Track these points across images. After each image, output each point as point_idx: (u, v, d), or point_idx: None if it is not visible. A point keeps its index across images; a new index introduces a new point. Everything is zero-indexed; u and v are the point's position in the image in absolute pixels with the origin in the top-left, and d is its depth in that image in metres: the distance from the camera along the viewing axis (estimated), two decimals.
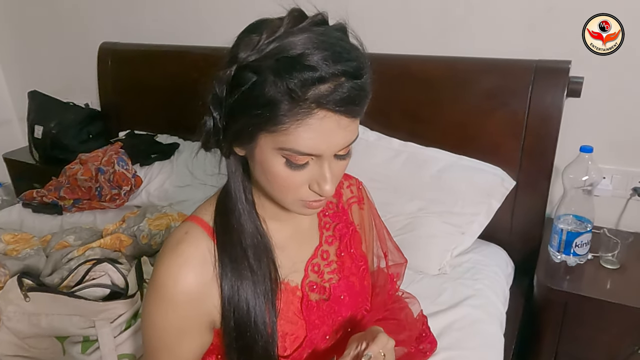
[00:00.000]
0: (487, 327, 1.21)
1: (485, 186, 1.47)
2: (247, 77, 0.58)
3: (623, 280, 1.30)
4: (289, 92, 0.56)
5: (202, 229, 0.70)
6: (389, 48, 1.63)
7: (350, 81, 0.57)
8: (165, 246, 0.70)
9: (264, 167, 0.63)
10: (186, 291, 0.67)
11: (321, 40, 0.57)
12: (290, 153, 0.60)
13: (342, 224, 0.84)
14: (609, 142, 1.45)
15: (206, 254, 0.69)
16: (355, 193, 0.90)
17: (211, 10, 2.01)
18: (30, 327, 0.97)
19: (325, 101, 0.56)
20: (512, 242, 1.54)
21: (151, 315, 0.69)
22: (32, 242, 1.32)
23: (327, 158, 0.62)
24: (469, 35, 1.55)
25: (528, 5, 1.45)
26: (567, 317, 1.30)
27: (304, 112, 0.57)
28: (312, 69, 0.55)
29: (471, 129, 1.52)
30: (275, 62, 0.56)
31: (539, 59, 1.42)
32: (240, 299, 0.68)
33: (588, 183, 1.33)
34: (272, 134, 0.59)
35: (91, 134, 2.34)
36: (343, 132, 0.60)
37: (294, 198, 0.66)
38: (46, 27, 2.54)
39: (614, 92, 1.43)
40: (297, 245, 0.78)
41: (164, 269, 0.67)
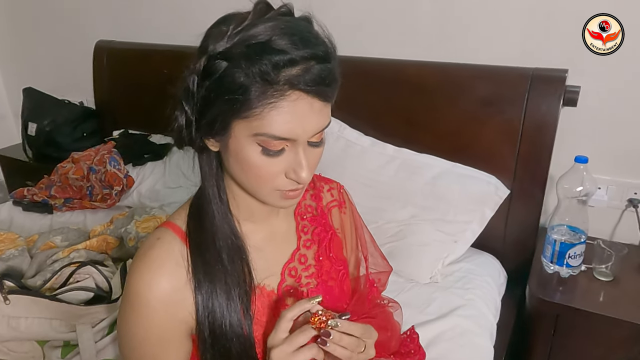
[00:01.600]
0: (476, 339, 1.20)
1: (479, 194, 1.46)
2: (218, 65, 0.59)
3: (616, 293, 1.28)
4: (261, 75, 0.57)
5: (174, 234, 0.69)
6: (384, 52, 1.61)
7: (320, 64, 0.58)
8: (138, 253, 0.69)
9: (239, 157, 0.63)
10: (161, 297, 0.66)
11: (288, 27, 0.58)
12: (265, 138, 0.60)
13: (320, 228, 0.83)
14: (605, 152, 1.44)
15: (179, 259, 0.68)
16: (336, 197, 0.89)
17: (207, 11, 1.98)
18: (9, 331, 0.95)
19: (297, 82, 0.57)
20: (505, 251, 1.53)
21: (129, 328, 0.67)
22: (18, 242, 1.30)
23: (302, 144, 0.62)
24: (465, 41, 1.54)
25: (526, 12, 1.43)
26: (559, 329, 1.28)
27: (276, 95, 0.58)
28: (282, 52, 0.56)
29: (466, 136, 1.50)
30: (245, 47, 0.57)
31: (536, 67, 1.41)
32: (214, 303, 0.67)
33: (583, 193, 1.31)
34: (246, 120, 0.59)
35: (85, 132, 2.33)
36: (316, 116, 0.61)
37: (271, 188, 0.65)
38: (42, 24, 2.52)
39: (611, 102, 1.41)
40: (274, 248, 0.77)
41: (137, 276, 0.66)
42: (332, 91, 0.62)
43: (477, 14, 1.50)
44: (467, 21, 1.52)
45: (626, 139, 1.43)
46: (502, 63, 1.45)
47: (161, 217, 1.40)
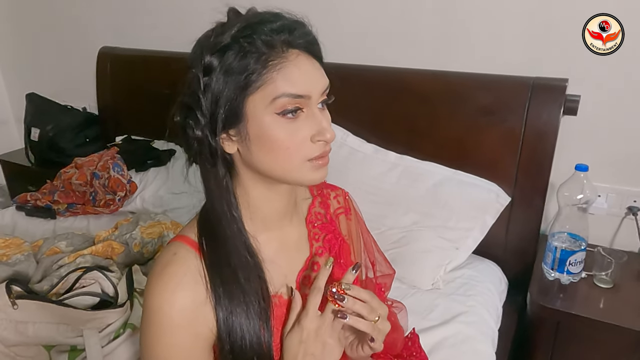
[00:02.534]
0: (478, 345, 1.20)
1: (480, 202, 1.47)
2: (219, 55, 0.62)
3: (616, 300, 1.30)
4: (261, 44, 0.62)
5: (190, 248, 0.69)
6: (387, 61, 1.63)
7: (304, 28, 0.66)
8: (154, 270, 0.69)
9: (262, 138, 0.64)
10: (183, 312, 0.66)
11: (266, 12, 0.66)
12: (282, 99, 0.62)
13: (331, 235, 0.83)
14: (605, 160, 1.45)
15: (196, 275, 0.67)
16: (342, 204, 0.89)
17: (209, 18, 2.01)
18: (17, 335, 0.96)
19: (293, 41, 0.64)
20: (506, 258, 1.54)
21: (153, 346, 0.67)
22: (23, 247, 1.31)
23: (314, 106, 0.66)
24: (466, 50, 1.56)
25: (526, 22, 1.46)
26: (560, 336, 1.29)
27: (280, 57, 0.63)
28: (273, 22, 0.63)
29: (467, 144, 1.52)
30: (240, 31, 0.62)
31: (536, 76, 1.43)
32: (234, 324, 0.67)
33: (583, 201, 1.33)
34: (260, 91, 0.62)
35: (88, 137, 2.34)
36: (319, 72, 0.66)
37: (301, 159, 0.66)
38: (46, 30, 2.54)
39: (611, 111, 1.43)
40: (287, 257, 0.77)
41: (157, 293, 0.66)
42: (319, 51, 0.68)
43: (479, 24, 1.52)
44: (468, 31, 1.54)
45: (626, 148, 1.44)
46: (503, 72, 1.47)
47: (165, 222, 1.41)
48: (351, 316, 0.68)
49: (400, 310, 0.99)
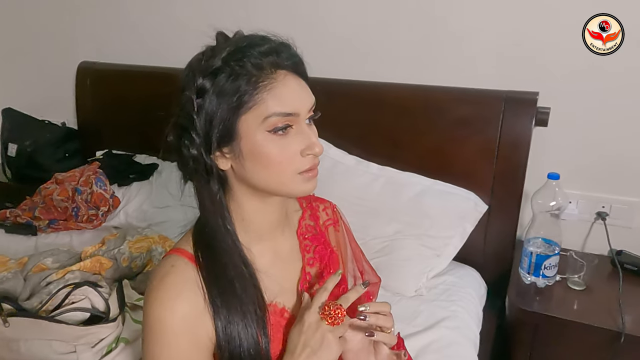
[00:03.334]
0: (461, 349, 1.25)
1: (460, 210, 1.53)
2: (212, 78, 0.66)
3: (589, 301, 1.36)
4: (250, 66, 0.66)
5: (187, 260, 0.72)
6: (367, 76, 1.69)
7: (290, 48, 0.71)
8: (153, 281, 0.71)
9: (255, 154, 0.68)
10: (184, 320, 0.68)
11: (252, 35, 0.71)
12: (273, 118, 0.66)
13: (321, 246, 0.87)
14: (575, 168, 1.53)
15: (195, 287, 0.70)
16: (331, 215, 0.93)
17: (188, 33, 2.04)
18: (9, 353, 0.96)
19: (280, 63, 0.68)
20: (485, 264, 1.60)
21: (156, 355, 0.68)
22: (9, 265, 1.30)
23: (303, 122, 0.70)
24: (444, 65, 1.63)
25: (499, 38, 1.53)
26: (538, 337, 1.35)
27: (269, 78, 0.67)
28: (260, 45, 0.67)
29: (446, 155, 1.58)
30: (230, 55, 0.66)
31: (509, 90, 1.50)
32: (232, 332, 0.70)
33: (555, 208, 1.40)
34: (252, 111, 0.67)
35: (67, 152, 2.32)
36: (305, 91, 0.71)
37: (293, 172, 0.70)
38: (21, 45, 2.51)
39: (579, 122, 1.52)
40: (281, 267, 0.80)
41: (157, 304, 0.68)
42: (305, 71, 0.73)
43: (455, 41, 1.59)
44: (445, 47, 1.61)
45: (593, 156, 1.53)
46: (479, 86, 1.54)
47: (153, 237, 1.42)
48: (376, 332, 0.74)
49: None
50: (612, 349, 1.23)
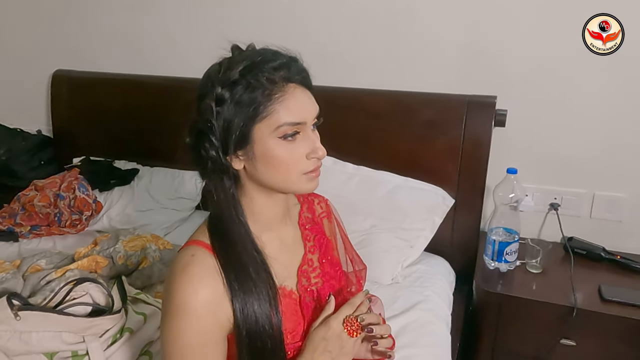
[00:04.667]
0: (436, 328, 1.38)
1: (429, 204, 1.67)
2: (228, 94, 0.74)
3: (545, 282, 1.52)
4: (265, 80, 0.74)
5: (205, 250, 0.79)
6: (341, 82, 1.81)
7: (297, 63, 0.79)
8: (175, 270, 0.78)
9: (266, 157, 0.77)
10: (206, 305, 0.75)
11: (265, 49, 0.80)
12: (283, 127, 0.75)
13: (319, 235, 0.97)
14: (530, 164, 1.69)
15: (214, 273, 0.77)
16: (324, 209, 1.04)
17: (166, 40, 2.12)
18: (21, 345, 1.01)
19: (290, 77, 0.76)
20: (452, 253, 1.74)
21: (177, 335, 0.75)
22: (5, 266, 1.33)
23: (308, 129, 0.78)
24: (412, 72, 1.77)
25: (460, 48, 1.69)
26: (502, 316, 1.50)
27: (281, 91, 0.75)
28: (273, 60, 0.76)
29: (415, 154, 1.72)
30: (246, 69, 0.74)
31: (471, 94, 1.66)
32: (249, 311, 0.78)
33: (514, 200, 1.56)
34: (265, 120, 0.75)
35: (42, 160, 2.33)
36: (311, 101, 0.80)
37: (299, 173, 0.78)
38: None
39: (533, 122, 1.68)
40: (287, 254, 0.90)
41: (182, 288, 0.75)
42: (311, 82, 0.81)
43: (422, 49, 1.74)
44: (413, 54, 1.75)
45: (545, 153, 1.70)
46: (444, 91, 1.69)
47: (146, 235, 1.48)
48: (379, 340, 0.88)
49: (375, 302, 1.14)
50: (567, 322, 1.39)
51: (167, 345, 0.77)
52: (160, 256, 1.42)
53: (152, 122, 2.11)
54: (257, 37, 0.84)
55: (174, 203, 1.95)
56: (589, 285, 1.47)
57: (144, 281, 1.38)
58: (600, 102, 1.60)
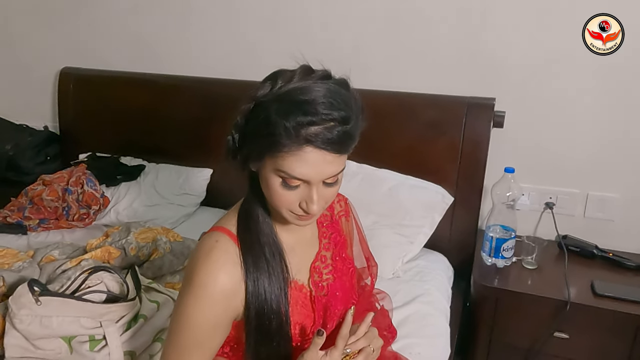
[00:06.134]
0: (435, 320, 1.44)
1: (429, 202, 1.73)
2: (259, 113, 0.75)
3: (540, 278, 1.58)
4: (285, 130, 0.70)
5: (228, 237, 0.83)
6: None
7: (338, 126, 0.71)
8: (199, 253, 0.82)
9: (266, 183, 0.78)
10: (223, 290, 0.79)
11: (320, 90, 0.72)
12: (285, 175, 0.74)
13: (335, 233, 0.99)
14: (526, 164, 1.75)
15: (235, 258, 0.81)
16: (343, 207, 1.06)
17: (172, 40, 2.16)
18: (41, 329, 1.06)
19: (314, 140, 0.70)
20: (451, 249, 1.80)
21: (190, 314, 0.79)
22: (20, 256, 1.38)
23: (316, 184, 0.75)
24: (414, 73, 1.83)
25: (460, 50, 1.75)
26: (498, 310, 1.55)
27: (296, 146, 0.71)
28: (306, 113, 0.70)
29: (416, 153, 1.78)
30: (280, 105, 0.72)
31: (471, 96, 1.72)
32: (259, 288, 0.81)
33: (511, 199, 1.61)
34: (273, 158, 0.74)
35: (48, 156, 2.37)
36: (328, 165, 0.74)
37: (286, 210, 0.79)
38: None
39: (531, 124, 1.74)
40: (302, 250, 0.92)
41: (203, 271, 0.79)
42: (345, 147, 0.74)
43: (423, 52, 1.80)
44: (413, 56, 1.81)
45: (541, 154, 1.76)
46: (445, 92, 1.75)
47: (157, 228, 1.53)
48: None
49: (384, 298, 1.19)
50: (560, 316, 1.45)
51: (176, 317, 0.82)
52: (171, 248, 1.47)
53: (158, 119, 2.16)
54: (264, 36, 0.84)
55: (180, 199, 2.00)
56: (582, 281, 1.53)
57: (155, 272, 1.43)
58: (595, 104, 1.66)
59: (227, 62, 2.08)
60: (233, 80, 1.99)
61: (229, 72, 2.04)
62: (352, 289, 1.00)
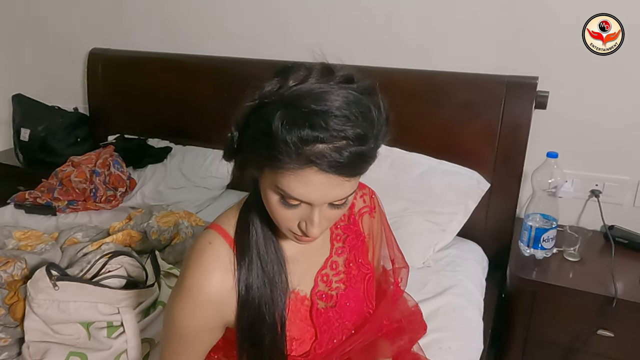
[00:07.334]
0: (468, 313, 1.36)
1: (463, 188, 1.63)
2: (261, 116, 0.63)
3: (583, 271, 1.47)
4: (286, 144, 0.59)
5: (223, 240, 0.76)
6: (373, 61, 1.77)
7: (352, 146, 0.59)
8: (191, 254, 0.76)
9: (265, 196, 0.69)
10: (209, 298, 0.73)
11: (337, 100, 0.59)
12: (283, 194, 0.65)
13: (352, 236, 0.89)
14: (570, 149, 1.62)
15: (227, 264, 0.75)
16: (368, 202, 0.93)
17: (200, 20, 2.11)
18: (59, 314, 1.04)
19: (319, 162, 0.59)
20: (486, 239, 1.70)
21: (174, 313, 0.75)
22: (44, 238, 1.38)
23: (319, 206, 0.65)
24: (448, 51, 1.72)
25: (499, 24, 1.62)
26: (537, 304, 1.46)
27: (297, 166, 0.60)
28: (314, 127, 0.58)
29: (450, 136, 1.68)
30: (285, 111, 0.59)
31: (510, 75, 1.60)
32: (253, 298, 0.75)
33: (553, 185, 1.50)
34: (272, 173, 0.64)
35: (79, 137, 2.38)
36: (334, 189, 0.63)
37: (286, 228, 0.71)
38: (30, 32, 2.56)
39: (576, 106, 1.61)
40: (308, 257, 0.84)
41: (189, 276, 0.74)
42: (358, 171, 0.64)
43: (456, 26, 1.68)
44: (447, 32, 1.70)
45: (588, 138, 1.63)
46: (482, 71, 1.63)
47: (179, 212, 1.50)
48: None
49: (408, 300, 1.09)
50: (605, 313, 1.34)
51: (164, 317, 0.79)
52: (193, 232, 1.44)
53: (186, 100, 2.13)
54: (293, 12, 0.77)
55: (205, 182, 1.97)
56: (631, 276, 1.41)
57: (176, 256, 1.40)
58: None
59: (256, 41, 2.02)
60: (262, 60, 1.92)
61: (257, 51, 1.98)
62: (368, 298, 0.91)
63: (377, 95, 0.67)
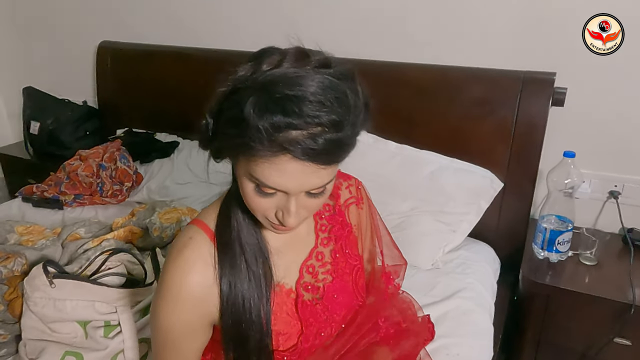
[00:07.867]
0: (477, 317, 1.31)
1: (475, 187, 1.57)
2: (234, 102, 0.60)
3: (600, 276, 1.41)
4: (258, 131, 0.56)
5: (204, 234, 0.74)
6: (385, 56, 1.72)
7: (327, 133, 0.57)
8: (172, 250, 0.74)
9: (240, 184, 0.66)
10: (190, 295, 0.71)
11: (311, 85, 0.57)
12: (258, 182, 0.62)
13: (338, 226, 0.86)
14: (588, 148, 1.56)
15: (207, 259, 0.73)
16: (354, 193, 0.91)
17: (209, 13, 2.08)
18: (55, 312, 1.02)
19: (292, 147, 0.57)
20: (498, 240, 1.64)
21: (158, 315, 0.73)
22: (46, 233, 1.36)
23: (295, 195, 0.64)
24: (461, 45, 1.65)
25: (516, 19, 1.56)
26: (550, 308, 1.40)
27: (271, 153, 0.58)
28: (286, 113, 0.55)
29: (463, 134, 1.62)
30: (258, 97, 0.57)
31: (527, 70, 1.53)
32: (236, 295, 0.72)
33: (569, 186, 1.44)
34: (247, 161, 0.62)
35: (88, 130, 2.38)
36: (311, 177, 0.61)
37: (262, 217, 0.69)
38: (39, 25, 2.55)
39: (595, 103, 1.54)
40: (293, 248, 0.81)
41: (169, 273, 0.72)
42: (334, 158, 0.61)
43: (471, 21, 1.62)
44: (461, 26, 1.64)
45: (608, 137, 1.56)
46: (496, 66, 1.57)
47: (182, 208, 1.48)
48: None
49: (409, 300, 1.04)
50: (622, 320, 1.29)
51: (150, 319, 0.76)
52: None
53: (194, 94, 2.08)
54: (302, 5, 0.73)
55: (212, 177, 1.92)
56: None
57: None
58: None
59: (263, 36, 1.96)
60: None
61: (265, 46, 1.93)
62: (358, 291, 0.88)
63: (355, 80, 0.64)
